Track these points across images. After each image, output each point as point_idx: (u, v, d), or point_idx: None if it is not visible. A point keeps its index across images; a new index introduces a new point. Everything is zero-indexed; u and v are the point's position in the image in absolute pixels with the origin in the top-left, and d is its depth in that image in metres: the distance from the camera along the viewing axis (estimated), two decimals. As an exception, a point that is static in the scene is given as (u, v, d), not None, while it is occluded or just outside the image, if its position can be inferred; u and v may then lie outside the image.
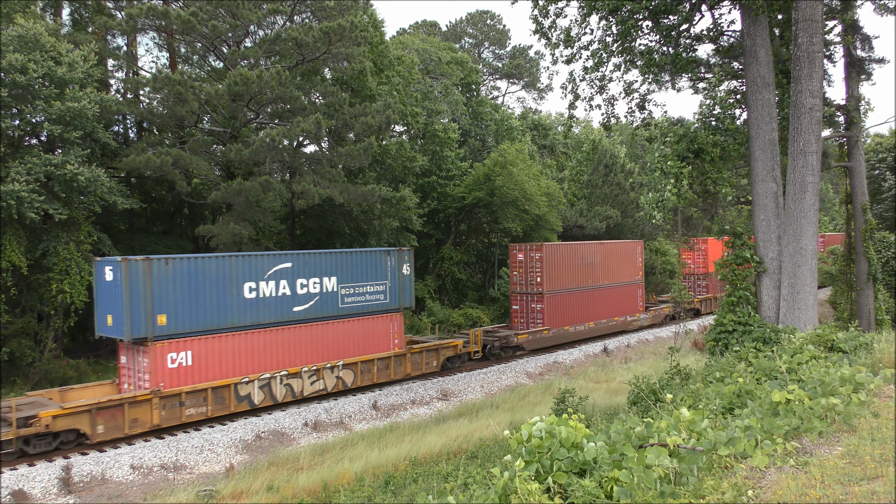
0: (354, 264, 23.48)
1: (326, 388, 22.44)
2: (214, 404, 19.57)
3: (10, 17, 23.21)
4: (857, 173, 21.41)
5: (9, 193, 20.39)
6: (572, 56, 17.62)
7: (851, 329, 10.64)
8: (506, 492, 4.55)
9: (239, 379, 20.10)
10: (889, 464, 4.76)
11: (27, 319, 23.57)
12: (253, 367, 20.57)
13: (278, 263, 21.34)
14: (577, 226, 48.83)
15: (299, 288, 21.73)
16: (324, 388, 22.37)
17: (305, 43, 27.34)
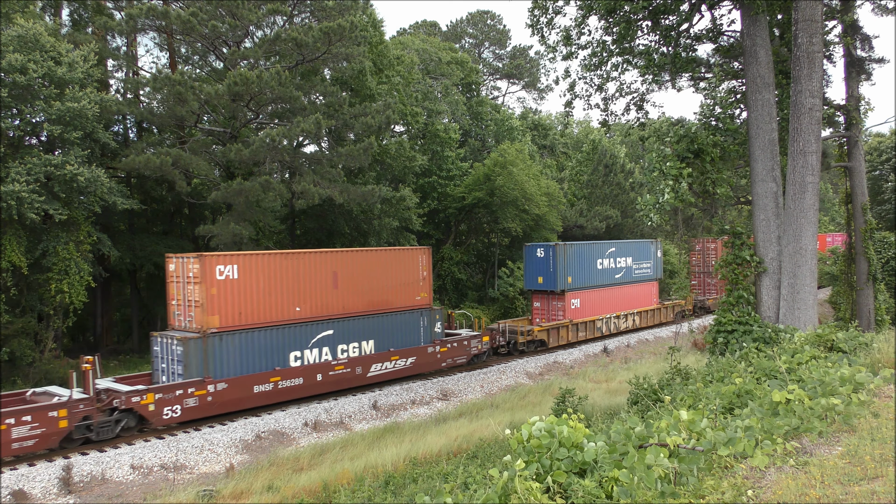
0: (637, 249, 37.54)
1: (628, 326, 36.89)
2: (587, 331, 33.69)
3: (10, 17, 23.22)
4: (857, 173, 21.41)
5: (9, 193, 20.39)
6: (570, 54, 17.62)
7: (851, 329, 10.64)
8: (505, 492, 4.56)
9: (597, 317, 34.47)
10: (889, 464, 4.76)
11: (27, 319, 23.58)
12: (601, 311, 34.90)
13: (609, 248, 35.57)
14: (577, 226, 48.84)
15: (618, 263, 35.98)
16: (626, 327, 36.70)
17: (305, 43, 27.35)
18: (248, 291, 20.23)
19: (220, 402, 19.58)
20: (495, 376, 27.05)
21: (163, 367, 20.11)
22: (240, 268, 20.02)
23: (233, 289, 19.84)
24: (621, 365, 29.68)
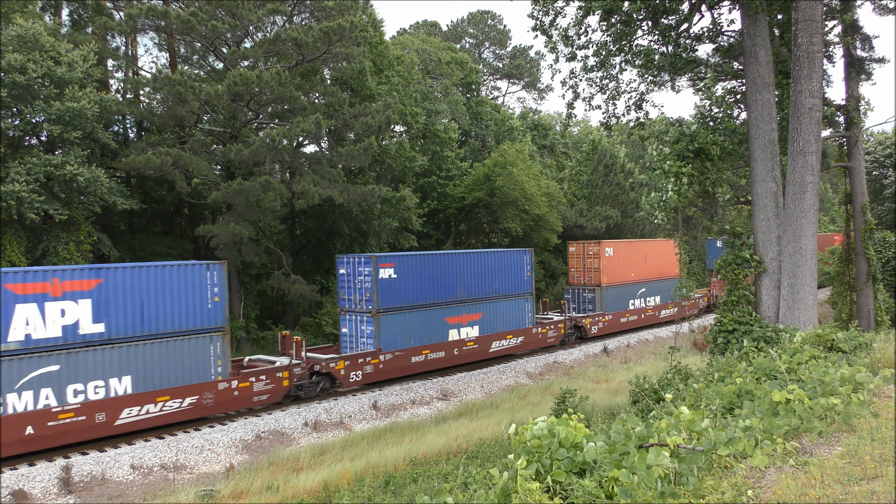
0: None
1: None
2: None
3: (10, 17, 23.22)
4: (857, 173, 21.42)
5: (9, 194, 20.39)
6: (572, 55, 17.63)
7: (851, 329, 10.64)
8: (506, 492, 4.56)
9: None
10: (889, 464, 4.76)
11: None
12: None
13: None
14: (576, 226, 48.83)
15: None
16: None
17: (305, 43, 27.35)
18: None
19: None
20: (495, 376, 27.05)
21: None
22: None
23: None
24: (621, 365, 29.68)
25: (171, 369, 18.69)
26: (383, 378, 24.14)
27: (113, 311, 17.59)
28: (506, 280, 28.74)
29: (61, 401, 16.75)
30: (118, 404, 17.62)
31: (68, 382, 16.89)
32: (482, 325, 27.74)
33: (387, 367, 24.04)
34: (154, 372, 18.34)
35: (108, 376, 17.54)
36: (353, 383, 23.14)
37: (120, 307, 17.74)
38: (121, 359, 17.75)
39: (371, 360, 23.71)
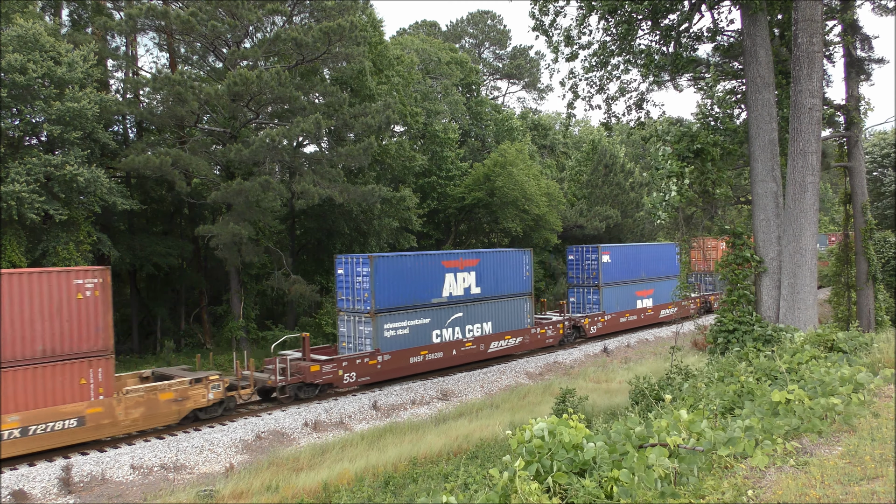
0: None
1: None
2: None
3: (10, 17, 23.21)
4: (857, 173, 21.41)
5: (9, 194, 20.39)
6: (572, 55, 17.63)
7: (851, 329, 10.64)
8: (506, 492, 4.55)
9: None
10: (889, 464, 4.76)
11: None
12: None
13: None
14: (577, 226, 48.83)
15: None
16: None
17: (305, 43, 27.35)
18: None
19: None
20: (495, 376, 27.05)
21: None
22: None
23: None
24: (621, 365, 29.67)
25: (508, 319, 28.84)
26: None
27: (484, 280, 27.40)
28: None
29: (464, 335, 27.05)
30: (489, 339, 28.05)
31: (466, 324, 27.11)
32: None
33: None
34: (501, 319, 28.42)
35: (483, 321, 27.88)
36: (594, 334, 32.14)
37: (488, 277, 27.69)
38: (488, 310, 27.96)
39: (599, 318, 33.70)
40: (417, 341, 25.08)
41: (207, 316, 33.17)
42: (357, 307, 24.03)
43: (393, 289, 24.18)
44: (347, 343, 24.55)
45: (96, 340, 17.23)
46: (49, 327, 16.44)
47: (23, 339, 16.06)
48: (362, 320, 23.79)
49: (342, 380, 22.59)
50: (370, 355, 23.36)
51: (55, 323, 16.53)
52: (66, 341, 16.74)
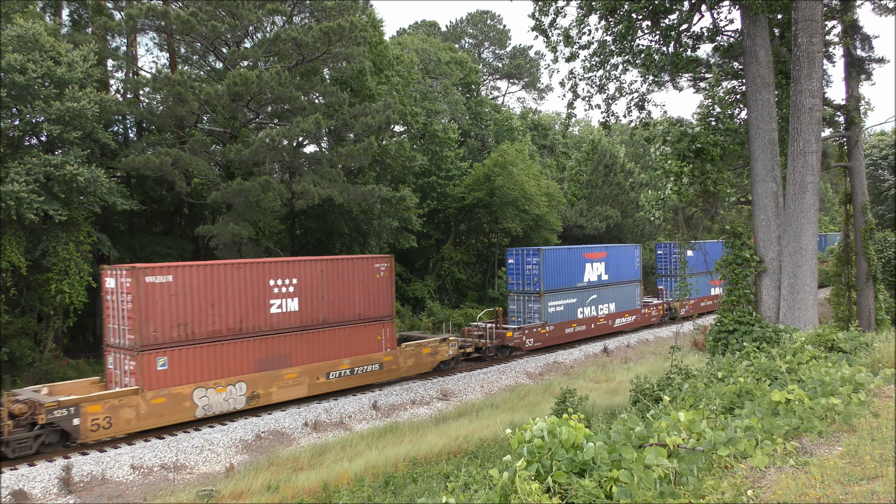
0: None
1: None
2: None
3: (10, 17, 23.21)
4: (857, 173, 21.41)
5: (8, 194, 20.38)
6: (572, 55, 17.63)
7: (851, 329, 10.64)
8: (505, 492, 4.55)
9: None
10: (889, 464, 4.76)
11: (27, 319, 23.56)
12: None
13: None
14: (577, 226, 48.82)
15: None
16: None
17: (305, 43, 27.35)
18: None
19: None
20: (495, 376, 27.05)
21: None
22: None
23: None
24: (621, 365, 29.67)
25: (626, 300, 35.90)
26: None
27: (610, 269, 33.37)
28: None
29: (597, 313, 33.85)
30: (614, 316, 34.99)
31: (599, 303, 33.84)
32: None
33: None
34: (622, 301, 34.91)
35: (610, 302, 34.70)
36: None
37: (613, 266, 34.34)
38: (613, 293, 34.79)
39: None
40: (568, 316, 32.31)
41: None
42: (526, 288, 31.02)
43: (553, 274, 31.07)
44: (517, 318, 31.41)
45: (386, 308, 24.51)
46: (362, 298, 23.62)
47: (349, 306, 23.28)
48: (532, 299, 30.79)
49: (524, 343, 29.79)
50: (541, 326, 30.61)
51: (365, 295, 23.72)
52: (371, 308, 23.98)
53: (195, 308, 19.27)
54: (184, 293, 19.01)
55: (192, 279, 19.28)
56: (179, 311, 18.91)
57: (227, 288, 20.06)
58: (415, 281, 40.71)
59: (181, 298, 18.96)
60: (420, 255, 41.99)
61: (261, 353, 20.79)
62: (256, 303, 20.69)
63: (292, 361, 21.61)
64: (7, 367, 22.79)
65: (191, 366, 19.22)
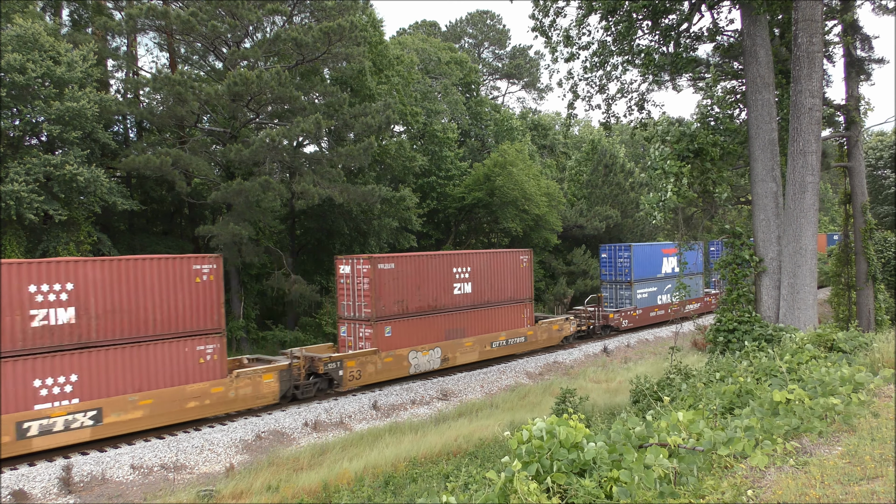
0: None
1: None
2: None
3: (10, 17, 23.21)
4: (857, 173, 21.42)
5: (8, 194, 20.38)
6: (572, 55, 17.63)
7: (851, 329, 10.64)
8: (505, 492, 4.56)
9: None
10: (889, 464, 4.76)
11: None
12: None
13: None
14: (576, 226, 48.81)
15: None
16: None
17: (305, 43, 27.35)
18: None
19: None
20: (495, 376, 27.06)
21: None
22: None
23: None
24: (621, 364, 29.67)
25: (694, 290, 36.18)
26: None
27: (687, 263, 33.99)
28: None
29: (671, 300, 36.40)
30: (685, 303, 35.32)
31: (657, 295, 37.56)
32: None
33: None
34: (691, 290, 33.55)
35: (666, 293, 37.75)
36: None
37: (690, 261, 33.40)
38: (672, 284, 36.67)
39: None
40: (651, 302, 37.09)
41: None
42: (619, 278, 35.94)
43: (640, 266, 35.85)
44: (609, 303, 36.40)
45: (528, 291, 29.28)
46: (511, 283, 28.52)
47: (503, 290, 28.08)
48: (623, 287, 35.76)
49: (621, 324, 35.03)
50: (632, 310, 35.50)
51: (513, 281, 28.57)
52: (518, 291, 28.75)
53: (408, 289, 24.48)
54: (401, 277, 24.22)
55: (407, 266, 24.46)
56: (398, 291, 24.09)
57: (428, 273, 25.26)
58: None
59: (399, 281, 24.15)
60: (420, 255, 41.98)
61: (448, 326, 26.11)
62: (445, 286, 25.84)
63: (467, 333, 26.91)
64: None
65: (405, 334, 24.45)
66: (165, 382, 18.41)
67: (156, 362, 18.24)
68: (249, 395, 20.22)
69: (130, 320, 17.80)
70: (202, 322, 19.14)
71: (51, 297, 16.50)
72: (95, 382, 17.21)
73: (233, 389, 19.69)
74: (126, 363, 17.74)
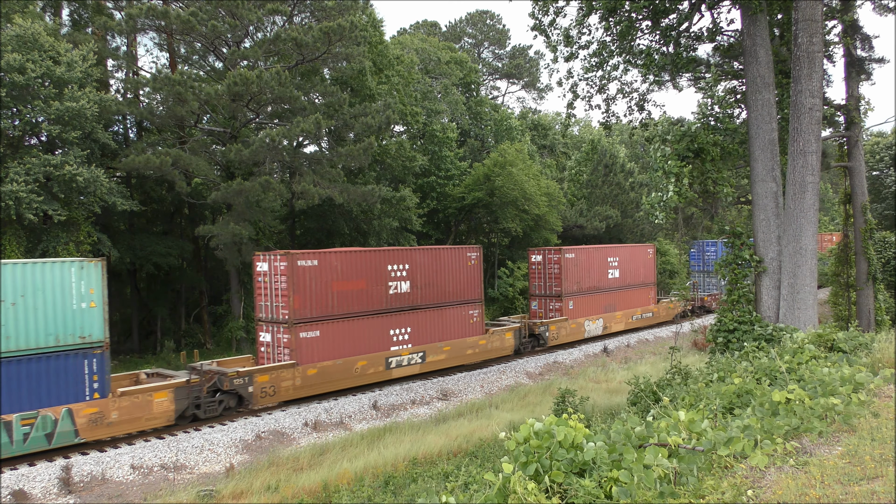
0: None
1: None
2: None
3: (9, 17, 23.20)
4: (857, 173, 21.41)
5: (8, 194, 20.37)
6: (572, 55, 17.63)
7: (851, 329, 10.64)
8: (504, 492, 4.55)
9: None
10: (889, 464, 4.76)
11: (27, 319, 23.51)
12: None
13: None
14: (576, 226, 48.81)
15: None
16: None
17: (305, 43, 27.34)
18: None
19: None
20: (495, 376, 27.05)
21: None
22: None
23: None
24: (621, 365, 29.67)
25: None
26: None
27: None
28: None
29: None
30: None
31: None
32: None
33: None
34: None
35: None
36: None
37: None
38: None
39: None
40: (712, 290, 42.81)
41: (207, 316, 33.17)
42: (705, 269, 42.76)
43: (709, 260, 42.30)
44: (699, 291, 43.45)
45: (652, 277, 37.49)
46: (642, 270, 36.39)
47: (637, 276, 35.97)
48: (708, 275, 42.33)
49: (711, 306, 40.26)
50: (709, 297, 41.40)
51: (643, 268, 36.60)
52: (647, 277, 37.15)
53: (583, 274, 32.43)
54: (582, 264, 32.29)
55: (586, 256, 33.01)
56: (579, 276, 32.15)
57: (592, 262, 33.30)
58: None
59: (580, 267, 32.31)
60: (420, 255, 41.97)
61: (606, 302, 34.11)
62: (603, 272, 33.65)
63: (617, 308, 34.81)
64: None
65: (582, 307, 32.51)
66: (455, 335, 25.92)
67: (450, 321, 25.66)
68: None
69: (437, 291, 24.99)
70: (471, 293, 26.47)
71: (397, 273, 23.61)
72: (420, 333, 24.51)
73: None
74: (435, 321, 25.07)
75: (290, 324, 20.54)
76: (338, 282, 21.84)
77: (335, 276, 21.79)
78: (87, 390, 16.77)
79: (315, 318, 21.16)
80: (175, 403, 18.62)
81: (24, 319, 15.74)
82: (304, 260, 20.99)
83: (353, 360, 22.42)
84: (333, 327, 21.76)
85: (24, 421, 15.74)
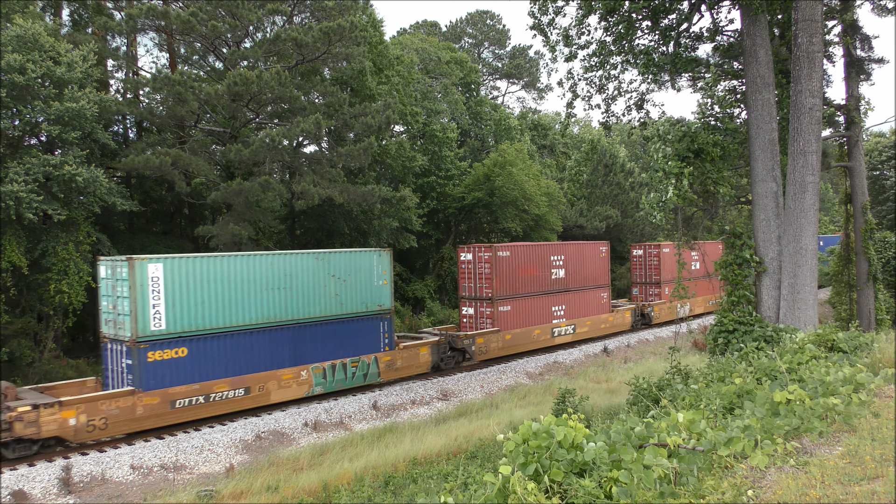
0: None
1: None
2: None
3: (10, 17, 23.19)
4: (857, 173, 21.41)
5: (8, 194, 20.36)
6: (571, 55, 17.62)
7: (852, 329, 10.64)
8: (504, 492, 4.55)
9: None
10: (889, 464, 4.76)
11: (27, 319, 23.54)
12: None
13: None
14: (577, 226, 48.82)
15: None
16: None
17: (305, 43, 27.33)
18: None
19: None
20: (495, 376, 27.04)
21: None
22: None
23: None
24: (621, 365, 29.66)
25: None
26: None
27: None
28: None
29: None
30: None
31: None
32: None
33: None
34: None
35: None
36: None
37: None
38: None
39: None
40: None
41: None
42: None
43: None
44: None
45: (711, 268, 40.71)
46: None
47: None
48: None
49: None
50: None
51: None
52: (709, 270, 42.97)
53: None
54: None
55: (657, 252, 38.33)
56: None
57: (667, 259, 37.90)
58: (415, 281, 40.70)
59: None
60: (420, 255, 41.97)
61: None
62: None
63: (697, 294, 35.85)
64: (7, 367, 22.78)
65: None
66: (593, 312, 33.14)
67: (589, 301, 32.72)
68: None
69: (580, 277, 32.09)
70: (601, 279, 33.57)
71: (556, 262, 30.79)
72: (571, 310, 31.78)
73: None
74: (581, 300, 32.23)
75: (493, 300, 27.77)
76: (522, 269, 28.89)
77: (520, 264, 28.77)
78: (381, 344, 23.97)
79: (508, 296, 28.29)
80: (431, 356, 25.72)
81: (350, 292, 22.76)
82: (501, 251, 27.95)
83: (531, 329, 29.82)
84: (519, 303, 28.90)
85: (353, 363, 23.01)
